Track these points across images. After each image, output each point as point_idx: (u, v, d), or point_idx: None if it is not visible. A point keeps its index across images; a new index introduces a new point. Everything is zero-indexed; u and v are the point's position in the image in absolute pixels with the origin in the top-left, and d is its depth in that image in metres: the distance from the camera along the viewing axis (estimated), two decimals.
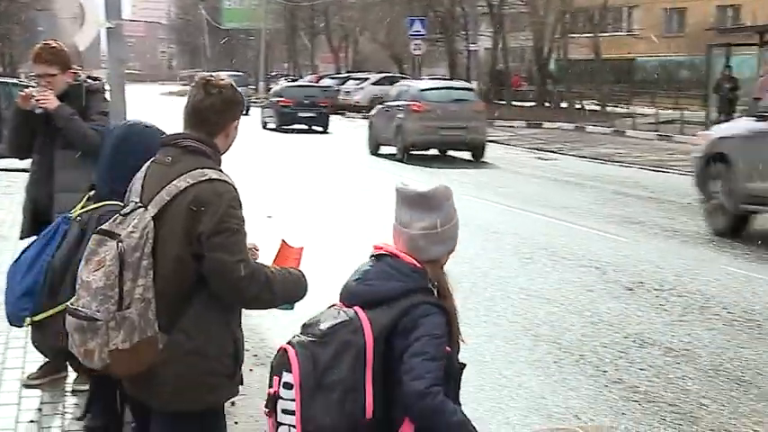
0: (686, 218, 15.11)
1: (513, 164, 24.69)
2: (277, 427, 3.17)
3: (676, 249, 12.51)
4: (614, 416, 6.49)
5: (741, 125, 14.42)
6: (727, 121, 21.77)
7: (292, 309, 3.83)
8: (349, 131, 28.54)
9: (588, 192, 18.83)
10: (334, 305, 3.32)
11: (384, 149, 26.58)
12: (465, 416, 3.18)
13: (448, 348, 3.23)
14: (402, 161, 24.81)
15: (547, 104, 48.54)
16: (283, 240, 3.97)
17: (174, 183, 3.65)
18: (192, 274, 3.68)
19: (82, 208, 4.31)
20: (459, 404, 3.26)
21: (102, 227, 3.74)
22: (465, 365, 3.36)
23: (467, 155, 25.96)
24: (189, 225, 3.63)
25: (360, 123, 35.29)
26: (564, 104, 47.21)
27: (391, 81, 40.19)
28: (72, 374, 6.36)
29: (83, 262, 3.71)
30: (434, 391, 3.07)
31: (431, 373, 3.09)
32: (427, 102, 25.43)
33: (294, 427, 3.11)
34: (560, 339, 8.25)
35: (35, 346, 4.43)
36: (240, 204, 3.71)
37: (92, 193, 4.33)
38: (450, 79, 44.01)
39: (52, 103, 6.02)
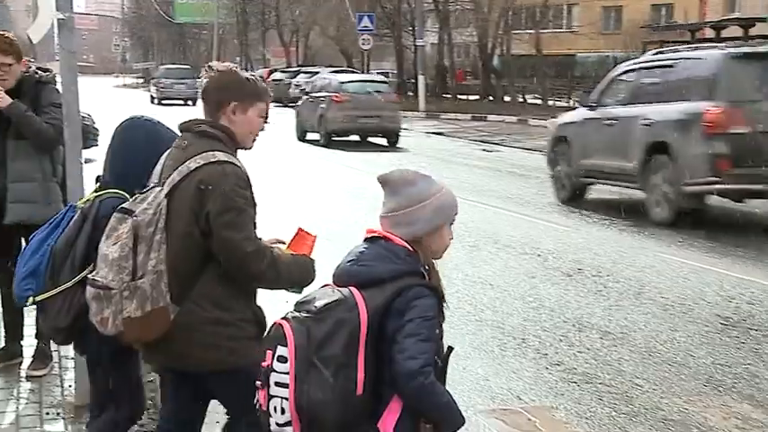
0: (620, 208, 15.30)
1: (458, 155, 24.73)
2: (269, 400, 3.14)
3: (614, 237, 12.64)
4: (554, 397, 6.56)
5: (578, 113, 16.75)
6: None
7: (300, 293, 3.83)
8: (288, 121, 29.31)
9: (531, 182, 18.88)
10: (327, 285, 3.32)
11: (310, 136, 28.39)
12: (452, 398, 3.23)
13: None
14: (325, 146, 26.47)
15: (491, 98, 48.67)
16: (300, 228, 4.06)
17: (186, 164, 3.80)
18: (200, 250, 3.82)
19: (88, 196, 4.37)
20: (445, 385, 3.29)
21: (123, 205, 3.89)
22: (452, 348, 3.37)
23: (412, 143, 26.73)
24: (196, 203, 3.77)
25: None
26: (507, 98, 47.56)
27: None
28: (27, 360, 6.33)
29: (104, 237, 3.87)
30: (426, 372, 3.10)
31: (424, 353, 3.12)
32: (346, 93, 27.44)
33: (286, 399, 3.09)
34: (503, 324, 8.31)
35: (40, 326, 4.55)
36: (247, 184, 3.84)
37: (98, 184, 4.37)
38: (387, 74, 44.85)
39: (4, 101, 5.94)
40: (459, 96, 50.66)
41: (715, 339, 7.86)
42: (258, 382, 3.21)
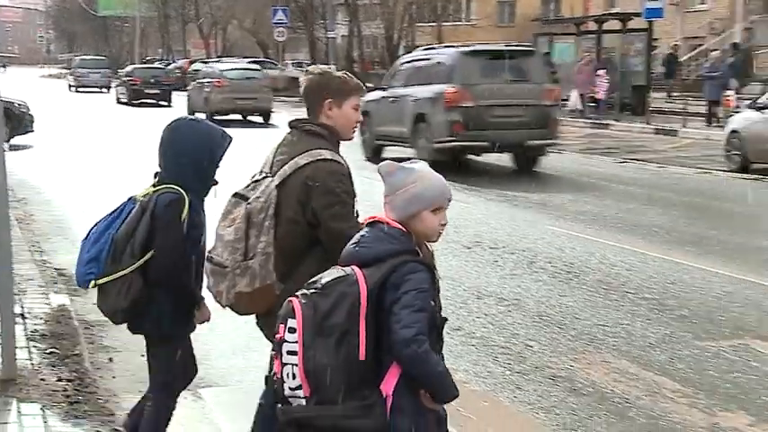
0: (516, 184, 15.59)
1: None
2: (282, 368, 3.25)
3: (509, 212, 12.85)
4: (454, 359, 6.60)
5: (376, 93, 19.67)
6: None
7: None
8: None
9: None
10: (334, 267, 3.40)
11: (199, 115, 29.32)
12: (446, 368, 3.30)
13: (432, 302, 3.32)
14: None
15: None
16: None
17: (296, 159, 4.02)
18: (305, 236, 4.06)
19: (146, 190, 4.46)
20: (442, 356, 3.37)
21: (237, 191, 4.13)
22: (446, 319, 3.46)
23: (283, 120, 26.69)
24: (303, 196, 4.01)
25: None
26: None
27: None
28: None
29: (219, 218, 4.12)
30: (420, 340, 3.16)
31: (418, 323, 3.18)
32: (226, 79, 31.23)
33: (296, 365, 3.19)
34: None
35: (98, 307, 4.57)
36: (349, 179, 4.07)
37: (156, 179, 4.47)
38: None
39: None
40: (367, 84, 50.49)
41: (598, 303, 8.06)
42: (273, 352, 3.36)
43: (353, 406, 3.18)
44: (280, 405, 3.32)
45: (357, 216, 4.04)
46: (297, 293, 3.33)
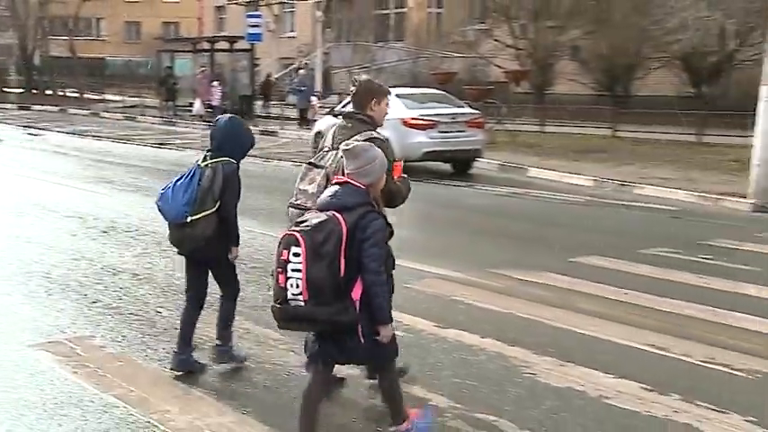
0: (146, 177, 15.17)
1: (8, 138, 23.08)
2: (287, 280, 3.86)
3: (140, 201, 12.48)
4: (93, 328, 6.35)
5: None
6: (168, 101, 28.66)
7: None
8: None
9: (72, 159, 18.13)
10: (311, 210, 4.20)
11: None
12: (390, 303, 4.09)
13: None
14: None
15: (34, 91, 46.05)
16: (395, 159, 4.81)
17: (355, 137, 4.62)
18: None
19: (204, 161, 5.28)
20: (392, 275, 4.24)
21: (311, 160, 4.97)
22: (395, 260, 4.34)
23: None
24: None
25: None
26: (50, 92, 45.23)
27: None
28: None
29: (299, 179, 4.90)
30: (381, 271, 3.98)
31: (380, 257, 3.98)
32: None
33: (300, 279, 3.83)
34: (50, 274, 7.89)
35: (177, 242, 5.41)
36: (391, 150, 4.76)
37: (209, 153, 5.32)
38: None
39: None
40: (4, 90, 47.02)
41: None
42: (278, 269, 3.89)
43: (338, 307, 3.89)
44: (279, 305, 3.93)
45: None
46: (293, 230, 3.94)
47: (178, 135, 25.33)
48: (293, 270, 3.86)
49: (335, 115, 17.45)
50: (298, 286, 3.85)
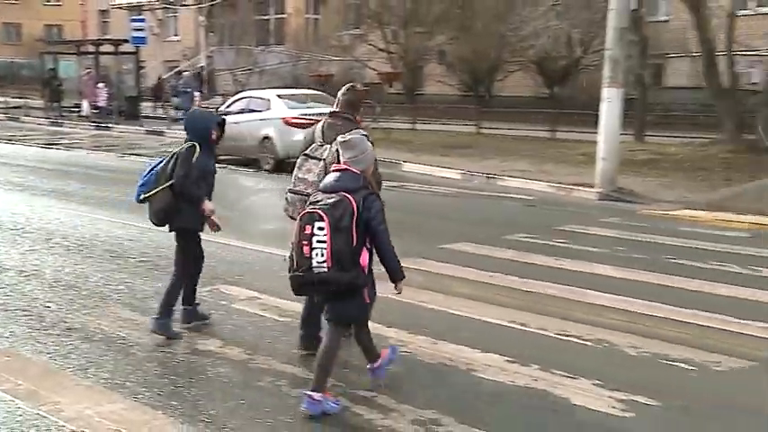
0: (33, 176, 14.50)
1: None
2: (311, 251, 4.29)
3: (27, 199, 11.92)
4: None
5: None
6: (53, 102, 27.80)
7: None
8: None
9: None
10: (318, 192, 4.50)
11: None
12: (396, 257, 4.62)
13: None
14: None
15: None
16: None
17: (345, 134, 4.83)
18: None
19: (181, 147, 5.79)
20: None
21: (306, 153, 5.36)
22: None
23: None
24: None
25: None
26: None
27: None
28: None
29: (296, 169, 5.34)
30: (390, 242, 4.54)
31: (387, 231, 4.52)
32: None
33: (325, 249, 4.27)
34: None
35: (150, 216, 5.82)
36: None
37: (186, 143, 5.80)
38: None
39: None
40: None
41: (106, 267, 7.78)
42: (303, 242, 4.31)
43: (355, 272, 4.38)
44: (301, 273, 4.34)
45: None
46: (314, 208, 4.36)
47: (65, 135, 24.31)
48: (318, 242, 4.31)
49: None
50: (323, 255, 4.29)
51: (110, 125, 26.34)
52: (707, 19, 16.96)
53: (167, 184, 5.65)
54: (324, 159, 5.19)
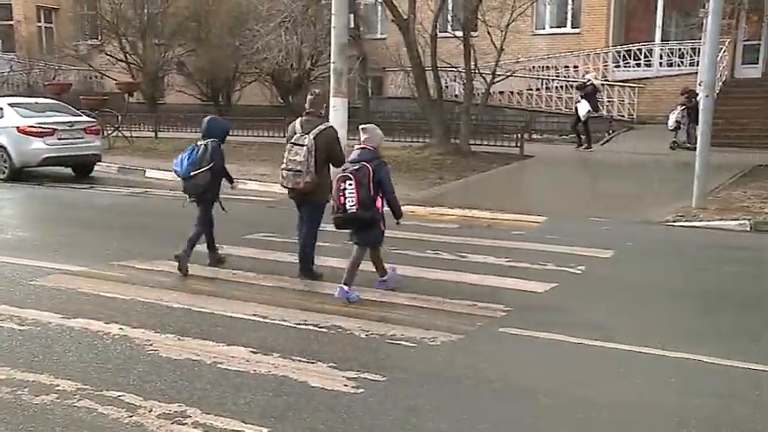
0: None
1: None
2: (345, 199, 6.42)
3: None
4: None
5: None
6: None
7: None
8: None
9: None
10: (347, 162, 6.64)
11: None
12: (399, 202, 6.79)
13: None
14: None
15: None
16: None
17: (318, 126, 7.00)
18: (325, 158, 7.07)
19: (201, 141, 7.62)
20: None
21: (292, 140, 7.05)
22: None
23: None
24: (325, 142, 6.99)
25: None
26: None
27: None
28: None
29: (286, 153, 7.09)
30: (393, 192, 6.64)
31: (392, 186, 6.62)
32: None
33: (354, 197, 6.41)
34: None
35: (187, 189, 7.59)
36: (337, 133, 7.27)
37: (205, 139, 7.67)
38: None
39: None
40: None
41: None
42: (340, 194, 6.46)
43: (373, 211, 6.51)
44: (340, 215, 6.51)
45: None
46: (345, 173, 6.45)
47: None
48: (349, 193, 6.43)
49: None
50: (352, 201, 6.43)
51: None
52: (414, 39, 18.11)
53: (208, 166, 7.44)
54: (306, 146, 6.90)
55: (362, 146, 6.56)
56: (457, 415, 4.27)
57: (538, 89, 23.93)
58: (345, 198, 6.36)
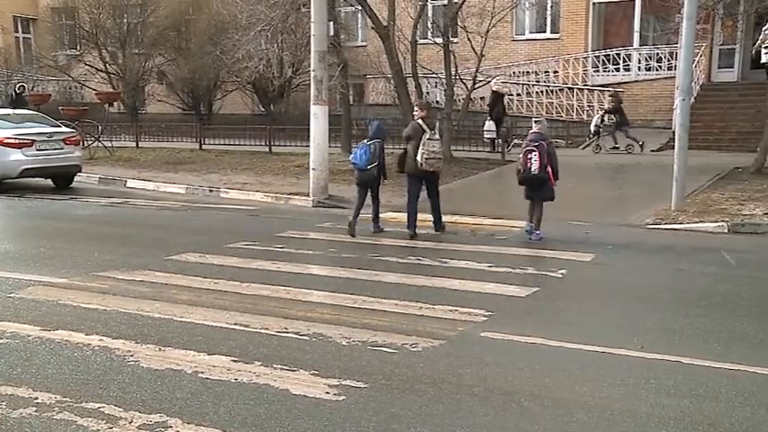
0: None
1: None
2: (531, 163, 9.54)
3: None
4: None
5: None
6: None
7: None
8: None
9: None
10: (529, 141, 9.68)
11: None
12: None
13: None
14: None
15: None
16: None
17: (436, 123, 10.22)
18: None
19: (369, 141, 10.28)
20: None
21: (428, 137, 9.85)
22: None
23: None
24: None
25: None
26: None
27: None
28: None
29: (427, 143, 9.84)
30: (557, 160, 9.82)
31: (556, 156, 9.77)
32: None
33: (536, 162, 9.52)
34: None
35: (363, 179, 10.34)
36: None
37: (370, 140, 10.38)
38: None
39: None
40: None
41: None
42: (527, 160, 9.58)
43: (545, 173, 9.60)
44: (525, 175, 9.64)
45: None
46: (529, 147, 9.59)
47: None
48: (534, 161, 9.43)
49: None
50: (536, 166, 9.47)
51: None
52: (395, 46, 18.17)
53: (376, 162, 10.15)
54: (439, 139, 10.05)
55: (536, 131, 9.70)
56: (438, 420, 4.28)
57: (518, 94, 24.08)
58: (531, 164, 9.52)
